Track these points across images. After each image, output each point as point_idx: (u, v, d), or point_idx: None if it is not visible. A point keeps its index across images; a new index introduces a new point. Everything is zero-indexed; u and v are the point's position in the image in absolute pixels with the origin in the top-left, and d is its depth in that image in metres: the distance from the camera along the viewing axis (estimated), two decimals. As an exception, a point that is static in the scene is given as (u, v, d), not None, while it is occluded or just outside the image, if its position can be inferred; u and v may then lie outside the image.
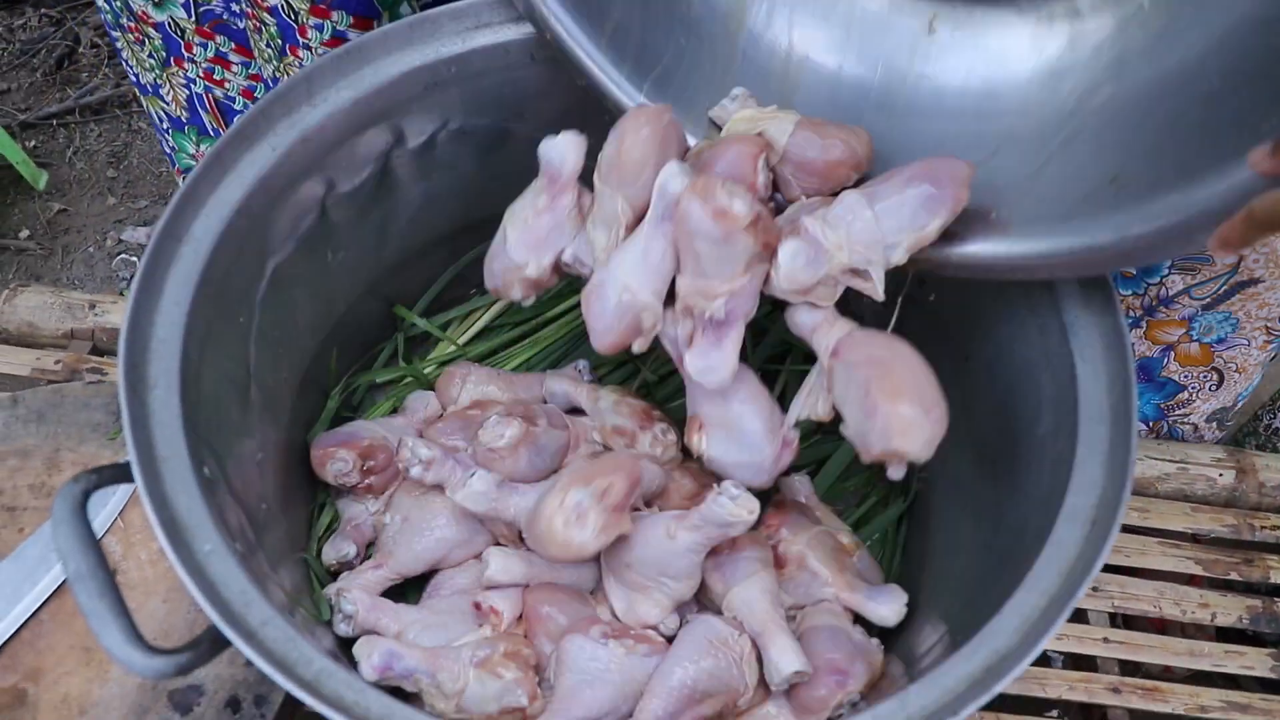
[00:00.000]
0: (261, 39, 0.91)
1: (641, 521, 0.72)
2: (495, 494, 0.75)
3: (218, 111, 0.98)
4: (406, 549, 0.78)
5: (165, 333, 0.61)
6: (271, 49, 0.91)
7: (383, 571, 0.77)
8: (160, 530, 0.51)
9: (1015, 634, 0.53)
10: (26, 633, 0.78)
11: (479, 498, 0.74)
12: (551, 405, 0.87)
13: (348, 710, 0.47)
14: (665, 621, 0.73)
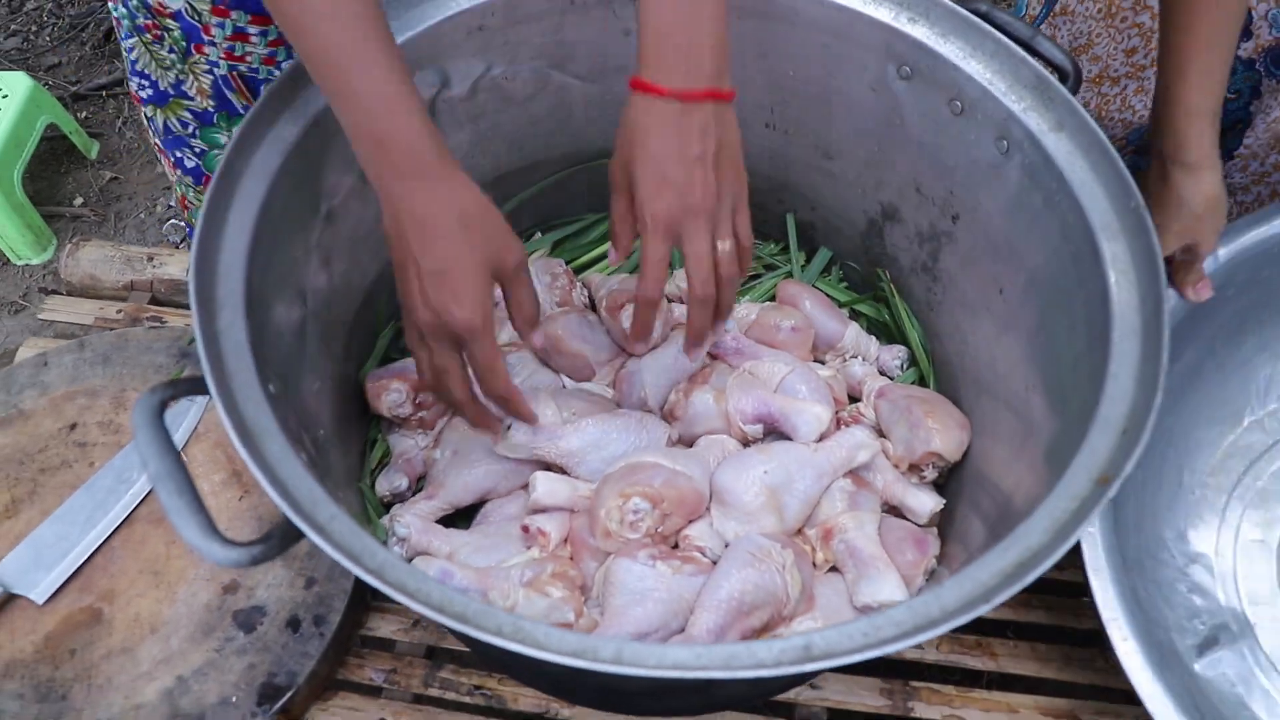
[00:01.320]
0: (163, 47, 0.92)
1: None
2: (534, 442, 0.78)
3: (245, 87, 0.99)
4: (456, 480, 0.81)
5: (230, 259, 0.64)
6: (174, 53, 0.92)
7: (435, 502, 0.80)
8: (233, 432, 0.54)
9: (1047, 533, 0.55)
10: (100, 558, 0.83)
11: (518, 448, 0.77)
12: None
13: (411, 594, 0.50)
14: (710, 544, 0.76)
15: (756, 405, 0.82)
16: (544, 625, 0.49)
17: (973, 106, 0.79)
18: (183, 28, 0.89)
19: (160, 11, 0.89)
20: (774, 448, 0.80)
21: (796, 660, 0.48)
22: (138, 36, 0.92)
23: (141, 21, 0.90)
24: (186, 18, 0.89)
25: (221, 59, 0.92)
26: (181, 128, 0.98)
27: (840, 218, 0.99)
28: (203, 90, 0.94)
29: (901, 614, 0.51)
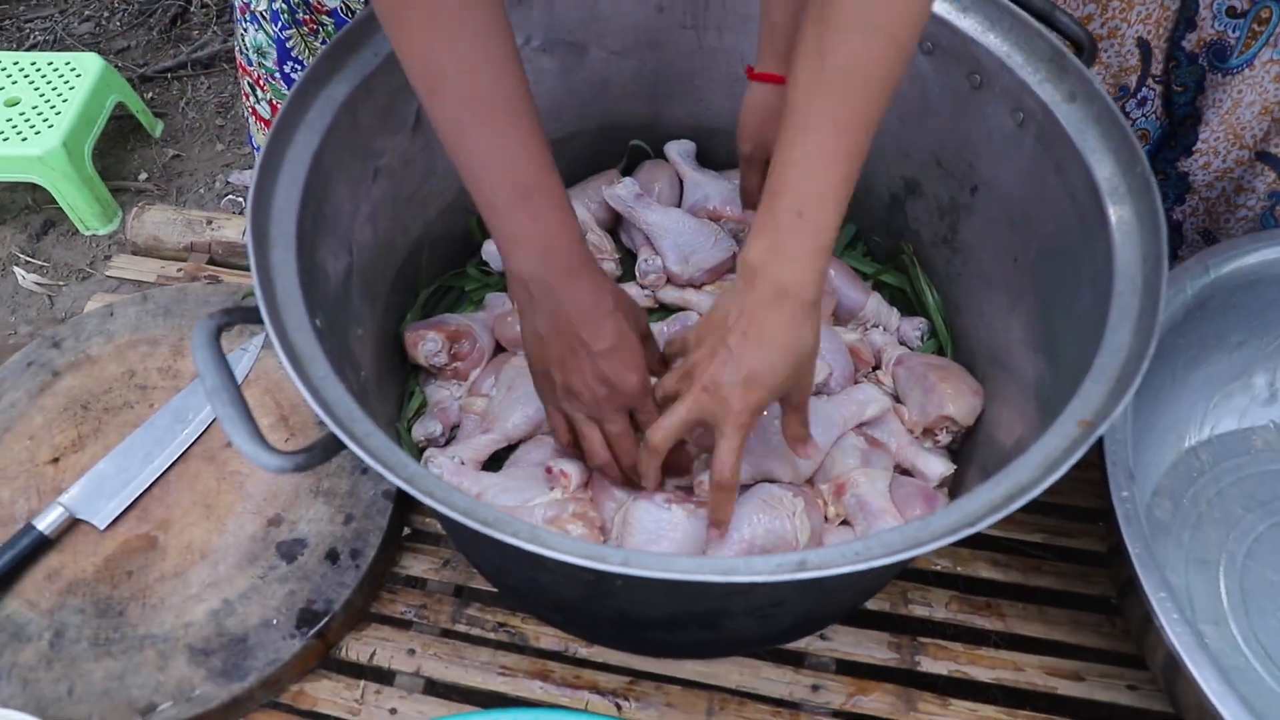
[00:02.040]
0: (317, 39, 1.01)
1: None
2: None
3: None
4: (512, 413, 0.85)
5: (284, 203, 0.70)
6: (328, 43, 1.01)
7: (491, 435, 0.85)
8: (283, 353, 0.59)
9: (1036, 469, 0.58)
10: (157, 490, 0.89)
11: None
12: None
13: (439, 499, 0.54)
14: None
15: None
16: (557, 535, 0.53)
17: (991, 79, 0.82)
18: (336, 23, 1.00)
19: (319, 8, 0.98)
20: None
21: (791, 570, 0.52)
22: (295, 29, 1.02)
23: (301, 16, 1.00)
24: (341, 14, 0.99)
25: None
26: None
27: (865, 192, 1.01)
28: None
29: (892, 536, 0.54)
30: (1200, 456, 0.94)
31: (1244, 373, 0.95)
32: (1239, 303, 0.88)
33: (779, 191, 0.62)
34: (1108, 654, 0.87)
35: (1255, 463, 0.94)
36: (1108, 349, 0.63)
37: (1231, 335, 0.92)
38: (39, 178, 1.70)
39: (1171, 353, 0.87)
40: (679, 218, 0.96)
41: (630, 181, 0.97)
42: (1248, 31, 0.88)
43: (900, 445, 0.86)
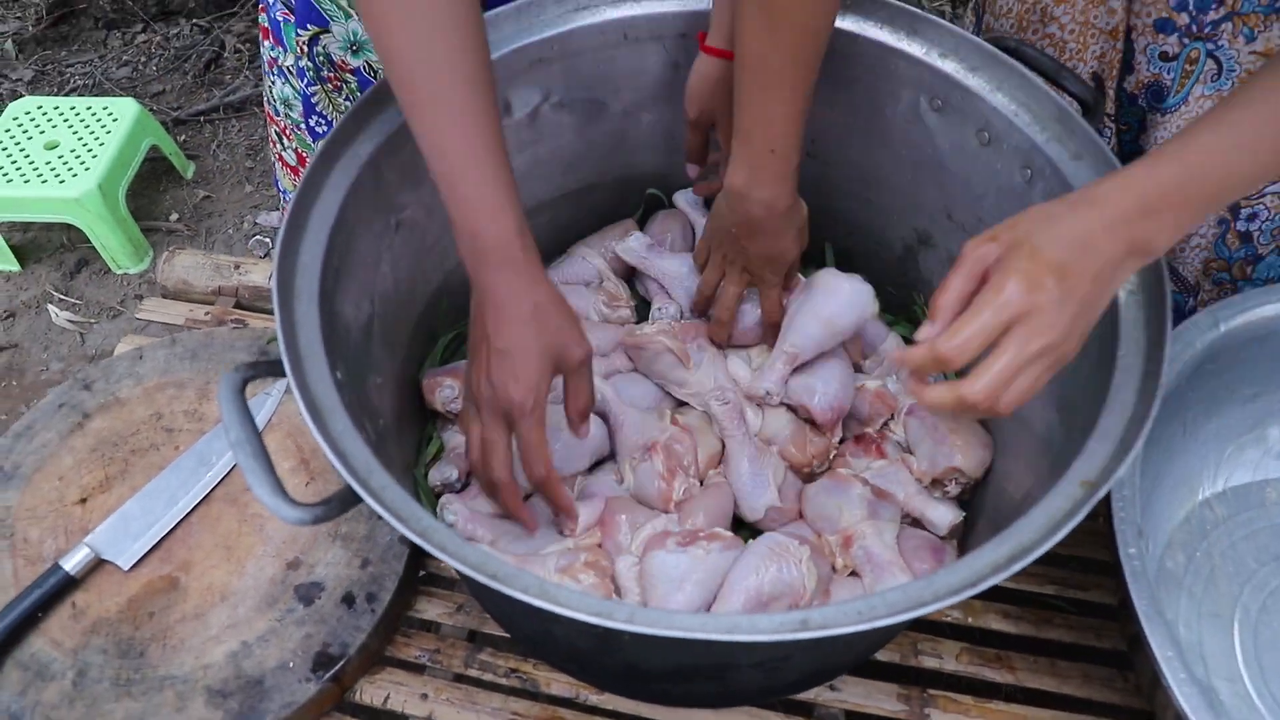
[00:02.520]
0: (340, 96, 1.04)
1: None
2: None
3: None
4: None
5: (308, 258, 0.72)
6: (350, 100, 1.04)
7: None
8: (304, 406, 0.61)
9: (1039, 530, 0.58)
10: (180, 532, 0.91)
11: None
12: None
13: (451, 554, 0.56)
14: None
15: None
16: (565, 589, 0.55)
17: (999, 137, 0.84)
18: (359, 81, 1.03)
19: (343, 67, 1.01)
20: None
21: (794, 629, 0.53)
22: (320, 85, 1.05)
23: (326, 74, 1.03)
24: (364, 74, 1.02)
25: None
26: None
27: (878, 243, 1.03)
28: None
29: (895, 595, 0.55)
30: (1214, 509, 0.94)
31: (1258, 425, 0.95)
32: (1251, 356, 0.89)
33: (752, 134, 0.80)
34: (1120, 709, 0.86)
35: (1269, 516, 0.94)
36: (1111, 409, 0.64)
37: (1244, 388, 0.92)
38: (74, 219, 1.75)
39: (1183, 405, 0.87)
40: (689, 261, 0.98)
41: (640, 236, 1.00)
42: (1181, 72, 0.91)
43: (909, 495, 0.86)
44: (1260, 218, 0.96)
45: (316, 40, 1.00)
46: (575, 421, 0.78)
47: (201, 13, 2.22)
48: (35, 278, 1.84)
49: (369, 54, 1.01)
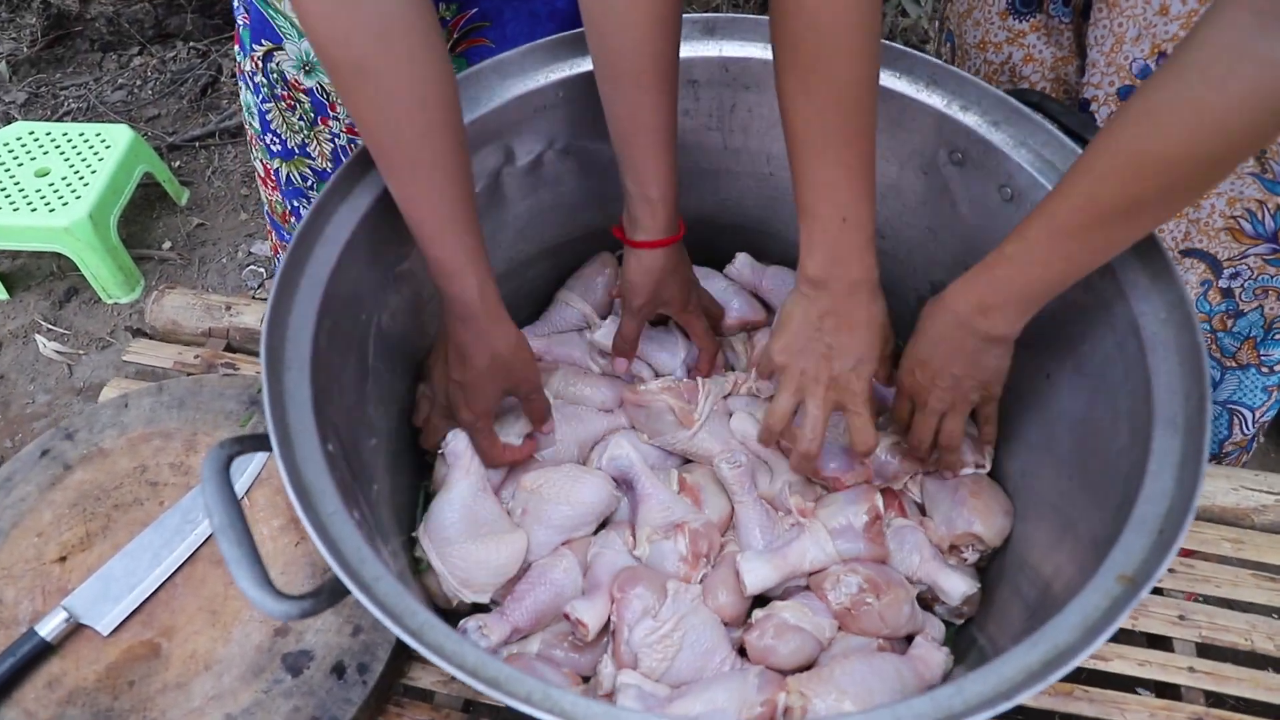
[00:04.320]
0: (294, 115, 1.01)
1: None
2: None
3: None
4: (524, 599, 0.82)
5: (299, 321, 0.69)
6: (303, 120, 1.01)
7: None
8: (292, 491, 0.57)
9: (1076, 630, 0.55)
10: (163, 594, 0.87)
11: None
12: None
13: (448, 657, 0.52)
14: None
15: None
16: (571, 694, 0.51)
17: (1022, 194, 0.81)
18: (313, 102, 0.99)
19: (296, 86, 0.98)
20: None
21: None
22: (274, 103, 1.02)
23: (280, 91, 0.99)
24: (317, 95, 0.98)
25: (343, 132, 1.01)
26: (302, 181, 1.07)
27: (893, 295, 0.99)
28: (324, 154, 1.03)
29: (924, 705, 0.52)
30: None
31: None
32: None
33: (817, 208, 0.73)
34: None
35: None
36: (1148, 496, 0.61)
37: None
38: (64, 248, 1.71)
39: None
40: (660, 339, 0.99)
41: (611, 323, 0.96)
42: None
43: (924, 559, 0.83)
44: (1243, 276, 0.96)
45: (271, 57, 0.97)
46: (538, 424, 0.89)
47: (198, 36, 2.19)
48: (23, 306, 1.80)
49: (322, 75, 0.97)
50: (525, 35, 1.01)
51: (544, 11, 0.94)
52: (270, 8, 0.93)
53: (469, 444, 0.84)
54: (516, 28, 0.96)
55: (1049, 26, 0.97)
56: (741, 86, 0.89)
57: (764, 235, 1.03)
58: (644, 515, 0.85)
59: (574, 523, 0.84)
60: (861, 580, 0.80)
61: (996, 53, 1.01)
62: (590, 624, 0.77)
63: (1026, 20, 0.98)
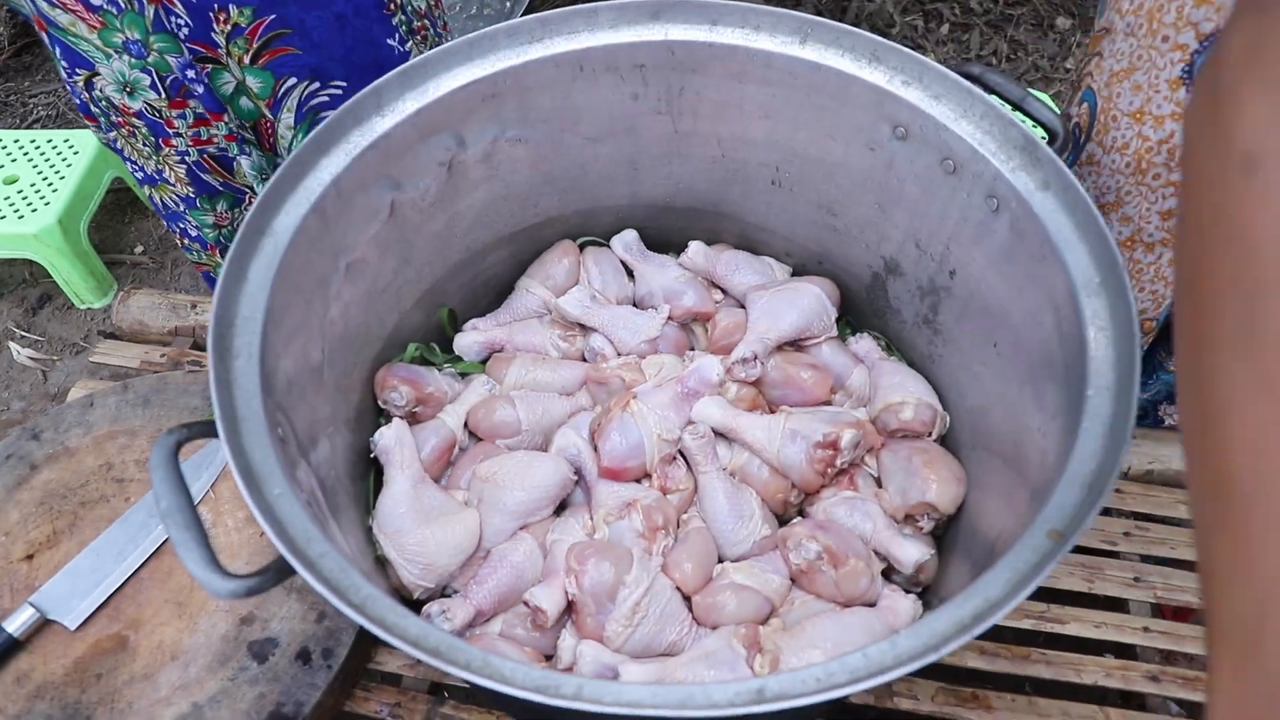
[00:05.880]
0: (138, 141, 1.01)
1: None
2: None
3: (216, 166, 1.08)
4: (486, 582, 0.82)
5: (249, 311, 0.69)
6: (148, 146, 1.01)
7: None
8: (237, 474, 0.58)
9: (1006, 585, 0.56)
10: (129, 588, 0.88)
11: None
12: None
13: (390, 629, 0.53)
14: None
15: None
16: (510, 662, 0.52)
17: (964, 166, 0.82)
18: (148, 124, 0.98)
19: (126, 110, 0.97)
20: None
21: (750, 702, 0.50)
22: (116, 130, 1.01)
23: (115, 119, 0.99)
24: (148, 115, 0.97)
25: (190, 146, 1.00)
26: (175, 205, 1.07)
27: (846, 271, 1.02)
28: (180, 179, 1.03)
29: (856, 661, 0.53)
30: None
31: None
32: None
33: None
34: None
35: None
36: (1079, 455, 0.62)
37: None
38: (34, 254, 1.71)
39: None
40: (623, 314, 0.99)
41: (579, 289, 0.99)
42: None
43: (877, 529, 0.84)
44: None
45: (92, 84, 0.96)
46: None
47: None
48: (-3, 313, 1.81)
49: (145, 94, 0.97)
50: (334, 39, 1.01)
51: (349, 11, 0.94)
52: (69, 35, 0.92)
53: (397, 437, 0.84)
54: (323, 33, 0.96)
55: None
56: (688, 70, 0.90)
57: (719, 217, 1.04)
58: (598, 499, 0.86)
59: (530, 507, 0.85)
60: (821, 549, 0.81)
61: (1156, 127, 0.86)
62: (549, 609, 0.78)
63: None
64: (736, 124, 0.94)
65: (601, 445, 0.87)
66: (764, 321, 0.94)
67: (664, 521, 0.84)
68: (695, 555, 0.83)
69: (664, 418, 0.88)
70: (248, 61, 1.00)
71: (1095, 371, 0.66)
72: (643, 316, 0.99)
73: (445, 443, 0.90)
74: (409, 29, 1.12)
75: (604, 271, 1.01)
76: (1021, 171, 0.78)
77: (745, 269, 1.02)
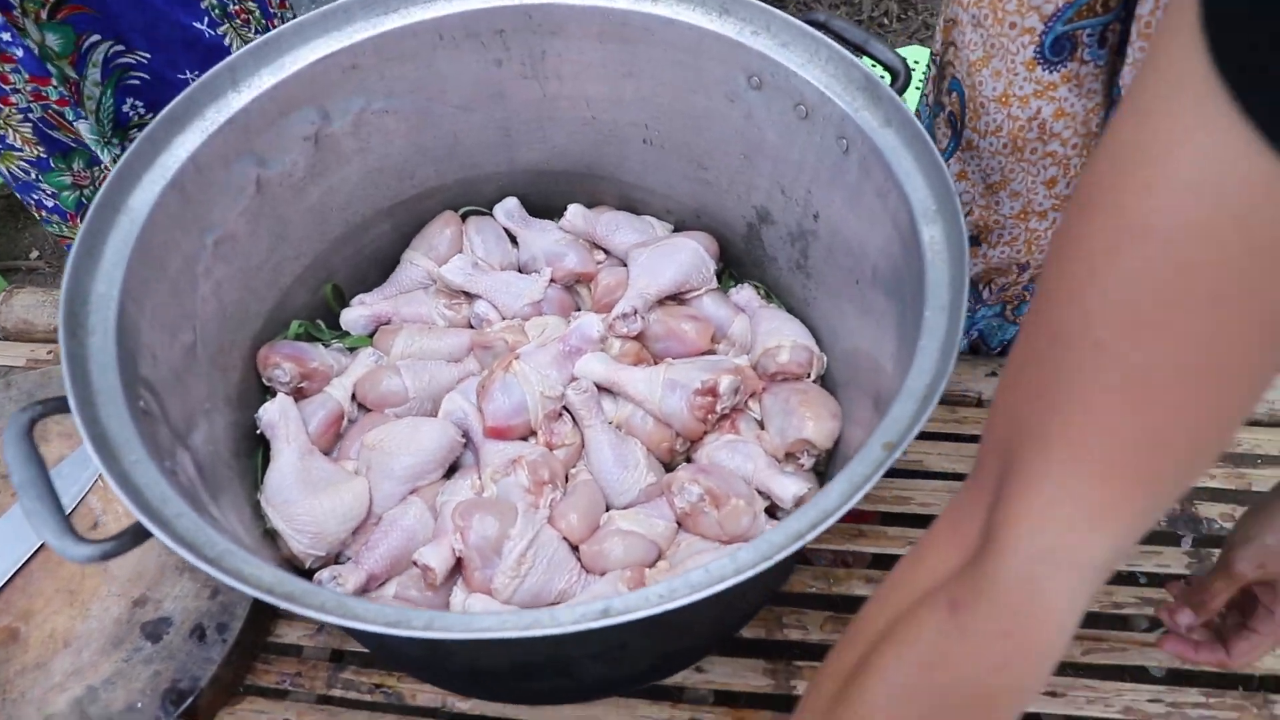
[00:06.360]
0: None
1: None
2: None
3: (62, 120, 1.05)
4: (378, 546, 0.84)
5: (104, 288, 0.70)
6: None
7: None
8: (89, 442, 0.59)
9: (841, 496, 0.59)
10: (19, 580, 0.87)
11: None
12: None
13: (245, 579, 0.54)
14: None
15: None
16: (364, 601, 0.54)
17: (814, 110, 0.85)
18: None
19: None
20: None
21: (595, 618, 0.53)
22: None
23: None
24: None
25: (32, 102, 0.97)
26: (25, 174, 1.04)
27: (723, 224, 1.04)
28: (27, 139, 0.99)
29: (698, 576, 0.55)
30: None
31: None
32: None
33: None
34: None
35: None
36: (915, 372, 0.65)
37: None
38: (-77, 264, 1.67)
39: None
40: (507, 279, 1.01)
41: (461, 257, 1.00)
42: None
43: (758, 468, 0.87)
44: None
45: None
46: None
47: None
48: (-109, 329, 1.76)
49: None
50: (131, 12, 1.01)
51: None
52: None
53: (282, 411, 0.85)
54: (118, 5, 0.94)
55: (1080, 75, 0.87)
56: (548, 33, 0.91)
57: (597, 179, 1.06)
58: (485, 458, 0.88)
59: (418, 471, 0.87)
60: (703, 491, 0.84)
61: (1023, 107, 0.90)
62: (437, 567, 0.80)
63: (1057, 70, 0.86)
64: (602, 84, 0.95)
65: (485, 406, 0.89)
66: (644, 277, 0.97)
67: (550, 476, 0.86)
68: (581, 506, 0.85)
69: (546, 376, 0.90)
70: (44, 17, 0.98)
71: (932, 293, 0.70)
72: (525, 280, 1.00)
73: (332, 415, 0.91)
74: (223, 13, 1.11)
75: (486, 239, 1.03)
76: (865, 111, 0.81)
77: (625, 228, 1.04)
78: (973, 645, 0.42)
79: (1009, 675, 0.42)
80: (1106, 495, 0.39)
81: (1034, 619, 0.41)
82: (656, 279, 0.96)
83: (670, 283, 0.97)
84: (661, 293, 0.96)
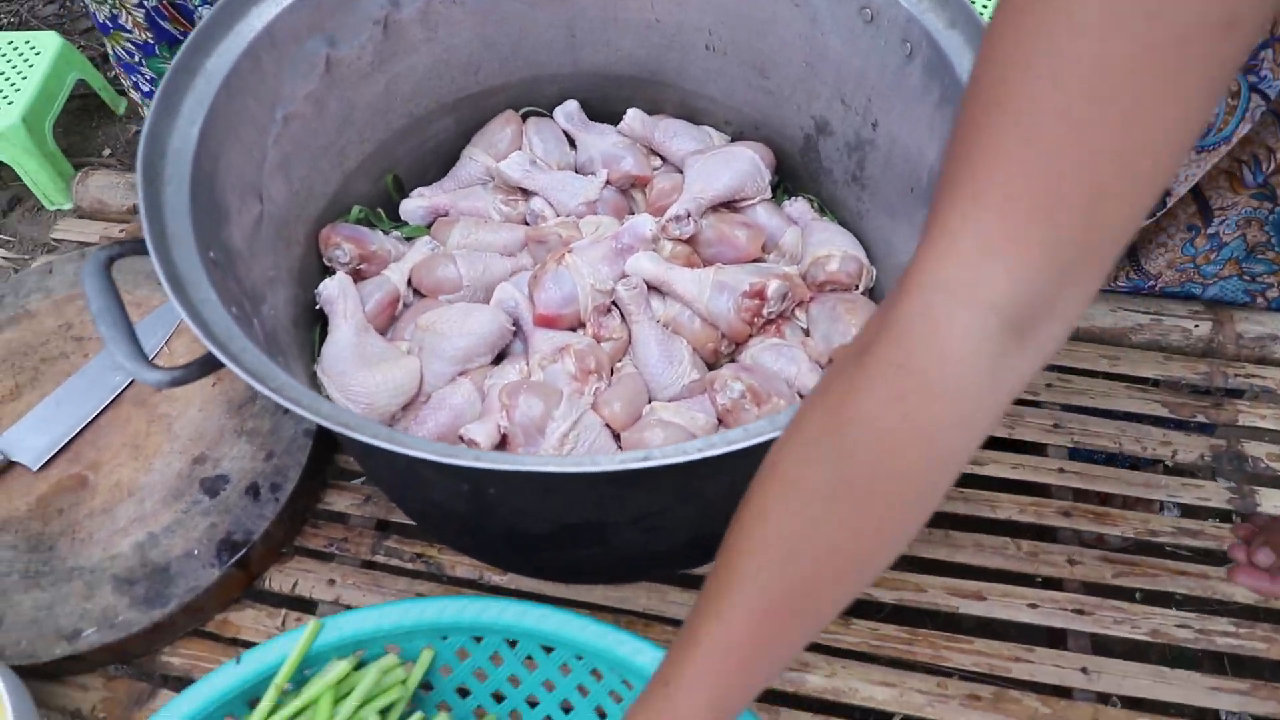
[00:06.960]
0: None
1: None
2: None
3: (176, 13, 1.07)
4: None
5: (180, 144, 0.72)
6: None
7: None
8: (163, 277, 0.62)
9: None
10: (89, 434, 0.92)
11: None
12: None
13: (305, 407, 0.57)
14: None
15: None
16: (414, 436, 0.56)
17: (880, 12, 0.84)
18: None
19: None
20: None
21: (636, 460, 0.55)
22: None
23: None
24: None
25: None
26: (129, 56, 1.06)
27: (781, 135, 1.04)
28: (138, 24, 1.02)
29: (736, 434, 0.57)
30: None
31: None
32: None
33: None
34: (1010, 574, 0.89)
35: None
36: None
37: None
38: (1, 154, 1.73)
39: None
40: (564, 178, 1.01)
41: (520, 154, 1.01)
42: (1225, 107, 0.88)
43: (800, 371, 0.88)
44: (1230, 218, 0.98)
45: None
46: None
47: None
48: (-32, 218, 1.83)
49: None
50: None
51: None
52: None
53: (341, 288, 0.87)
54: None
55: None
56: (619, -73, 0.92)
57: (659, 86, 1.07)
58: (534, 346, 0.90)
59: (468, 353, 0.89)
60: (745, 388, 0.85)
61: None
62: (482, 442, 0.82)
63: None
64: (670, -9, 0.96)
65: (536, 295, 0.91)
66: (699, 182, 0.97)
67: (596, 365, 0.88)
68: (624, 395, 0.87)
69: (598, 270, 0.92)
70: None
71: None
72: (582, 180, 1.02)
73: (389, 296, 0.94)
74: None
75: (545, 140, 1.04)
76: (931, 13, 0.80)
77: (683, 135, 1.04)
78: (870, 377, 0.43)
79: (906, 408, 0.42)
80: (1003, 225, 0.40)
81: (929, 350, 0.41)
82: (711, 184, 0.97)
83: (725, 189, 0.97)
84: (716, 198, 0.97)
